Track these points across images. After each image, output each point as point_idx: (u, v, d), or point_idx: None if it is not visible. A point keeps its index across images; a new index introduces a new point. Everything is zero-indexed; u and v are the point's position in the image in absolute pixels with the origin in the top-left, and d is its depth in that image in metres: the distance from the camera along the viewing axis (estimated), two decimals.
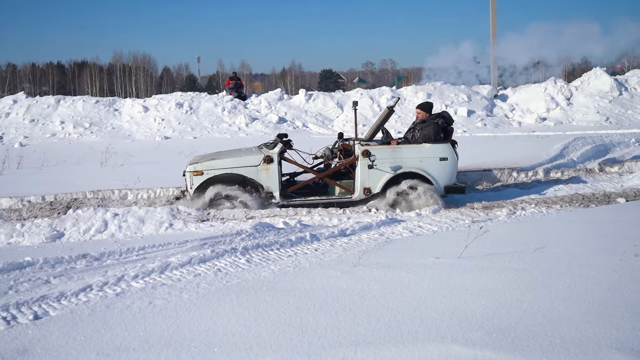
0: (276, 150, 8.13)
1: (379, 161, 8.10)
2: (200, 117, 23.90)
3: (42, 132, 22.37)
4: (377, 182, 8.15)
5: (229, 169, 8.05)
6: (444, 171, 8.24)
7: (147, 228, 6.98)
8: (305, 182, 8.58)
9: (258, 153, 8.17)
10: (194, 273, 4.90)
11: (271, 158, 8.02)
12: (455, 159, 8.34)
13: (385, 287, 4.28)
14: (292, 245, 5.88)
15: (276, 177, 8.05)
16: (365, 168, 8.12)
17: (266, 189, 8.04)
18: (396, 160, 8.16)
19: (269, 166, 8.00)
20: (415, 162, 8.19)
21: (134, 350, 3.29)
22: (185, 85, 65.14)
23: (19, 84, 58.61)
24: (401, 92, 26.47)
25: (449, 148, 8.30)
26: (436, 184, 8.20)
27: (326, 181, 8.52)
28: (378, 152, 8.16)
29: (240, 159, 8.13)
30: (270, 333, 3.47)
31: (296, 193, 8.46)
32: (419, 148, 8.24)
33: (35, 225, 6.93)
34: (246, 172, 8.02)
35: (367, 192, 8.16)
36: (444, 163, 8.22)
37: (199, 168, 8.07)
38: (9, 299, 4.27)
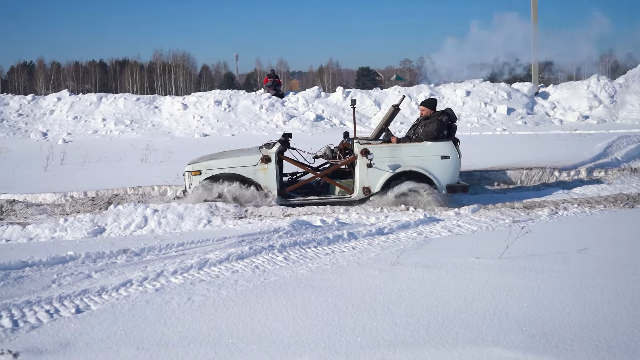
0: (274, 150, 8.13)
1: (378, 160, 8.00)
2: (238, 114, 24.07)
3: (85, 129, 22.82)
4: (377, 181, 8.06)
5: (227, 168, 8.08)
6: (445, 170, 8.09)
7: (186, 224, 7.05)
8: (304, 182, 8.56)
9: (256, 153, 8.17)
10: (232, 270, 4.91)
11: (269, 158, 8.02)
12: (457, 158, 8.18)
13: (424, 287, 4.23)
14: (330, 243, 5.85)
15: (274, 176, 8.04)
16: (364, 167, 8.03)
17: (264, 188, 8.04)
18: (396, 159, 8.05)
19: (266, 166, 8.01)
20: (415, 161, 8.06)
21: (173, 345, 3.32)
22: (223, 83, 65.70)
23: (63, 82, 59.97)
24: (439, 90, 26.20)
25: (451, 146, 8.15)
26: (437, 183, 8.07)
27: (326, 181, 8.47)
28: (377, 150, 8.07)
29: (238, 159, 8.16)
30: (308, 331, 3.45)
31: (296, 192, 8.44)
32: (420, 146, 8.11)
33: (77, 220, 7.07)
34: (244, 171, 8.03)
35: (367, 192, 8.09)
36: (446, 161, 8.07)
37: (197, 168, 8.14)
38: (52, 293, 4.35)
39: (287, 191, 8.29)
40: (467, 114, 23.94)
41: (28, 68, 66.55)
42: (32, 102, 25.17)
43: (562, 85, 26.96)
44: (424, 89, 25.77)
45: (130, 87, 60.63)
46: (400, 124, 21.64)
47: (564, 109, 24.48)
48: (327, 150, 8.61)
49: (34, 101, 25.27)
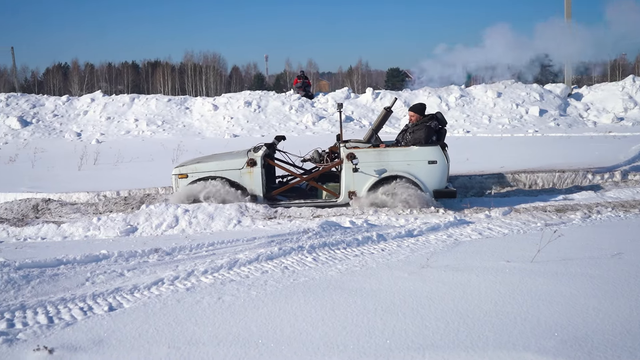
0: (259, 153, 8.14)
1: (364, 164, 7.96)
2: (268, 115, 24.18)
3: (117, 130, 23.17)
4: (362, 185, 8.02)
5: (212, 172, 8.11)
6: (432, 175, 8.02)
7: (216, 224, 7.11)
8: (290, 185, 8.54)
9: (243, 156, 8.18)
10: (262, 270, 4.95)
11: (254, 161, 8.04)
12: (445, 163, 8.11)
13: (454, 290, 4.20)
14: (359, 245, 5.85)
15: (259, 180, 8.05)
16: (349, 171, 8.01)
17: (250, 191, 8.05)
18: (382, 163, 8.00)
19: (252, 169, 8.03)
20: (402, 166, 8.00)
21: (204, 344, 3.35)
22: (253, 84, 66.10)
23: (96, 83, 60.96)
24: (470, 91, 25.97)
25: (439, 151, 8.06)
26: (424, 187, 8.00)
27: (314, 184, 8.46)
28: (363, 155, 8.02)
29: (224, 163, 8.18)
30: (337, 333, 3.46)
31: (285, 196, 8.44)
32: (406, 151, 8.05)
33: (110, 220, 7.18)
34: (230, 175, 8.06)
35: (352, 196, 8.06)
36: (433, 166, 7.99)
37: (184, 171, 8.20)
38: (86, 290, 4.43)
39: (274, 194, 8.30)
40: (498, 116, 23.69)
41: (63, 69, 67.80)
42: (66, 103, 25.63)
43: (596, 87, 26.51)
44: (454, 90, 25.58)
45: (161, 88, 61.36)
46: None
47: (598, 110, 24.07)
48: (314, 154, 8.64)
49: (68, 102, 25.73)
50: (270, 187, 8.51)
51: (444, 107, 24.39)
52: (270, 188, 8.40)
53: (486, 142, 18.23)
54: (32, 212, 8.78)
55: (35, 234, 7.05)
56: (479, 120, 23.48)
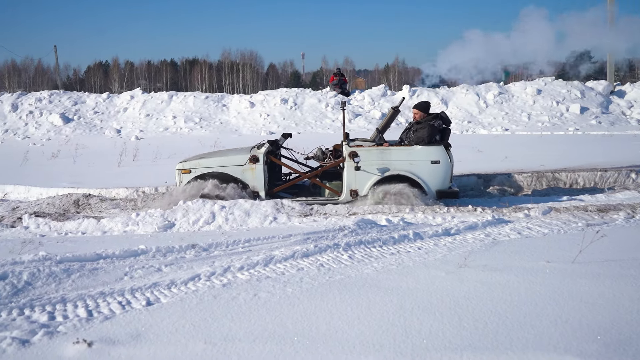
0: (262, 150, 8.16)
1: (366, 163, 7.92)
2: (304, 112, 24.23)
3: (156, 126, 23.49)
4: (364, 184, 7.99)
5: (215, 167, 8.16)
6: (435, 175, 7.95)
7: (252, 221, 7.14)
8: (291, 183, 8.52)
9: (246, 153, 8.21)
10: (297, 267, 4.94)
11: (257, 158, 8.06)
12: (448, 162, 8.01)
13: (492, 290, 4.13)
14: (395, 243, 5.80)
15: (261, 176, 8.07)
16: (351, 170, 7.98)
17: (252, 188, 8.08)
18: (385, 162, 7.96)
19: (254, 166, 8.05)
20: (404, 165, 7.94)
21: (240, 340, 3.36)
22: (290, 81, 66.32)
23: (136, 80, 61.98)
24: (509, 88, 25.58)
25: (442, 151, 7.98)
26: (427, 187, 7.93)
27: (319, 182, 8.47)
28: (366, 153, 7.97)
29: (227, 159, 8.23)
30: (373, 332, 3.43)
31: (288, 193, 8.44)
32: (409, 150, 7.99)
33: (148, 215, 7.28)
34: (232, 171, 8.10)
35: (354, 195, 8.03)
36: (436, 166, 7.92)
37: (187, 166, 8.29)
38: (124, 285, 4.49)
39: (276, 192, 8.31)
40: (537, 113, 23.29)
41: (103, 67, 69.13)
42: (107, 100, 26.11)
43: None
44: (492, 87, 25.24)
45: (199, 85, 62.09)
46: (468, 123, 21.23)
47: None
48: (318, 152, 8.66)
49: (108, 99, 26.21)
50: (274, 184, 8.55)
51: (481, 105, 24.09)
52: (273, 185, 8.44)
53: (525, 140, 17.94)
54: (73, 207, 8.96)
55: (75, 229, 7.19)
56: (517, 117, 23.11)
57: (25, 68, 66.41)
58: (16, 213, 8.70)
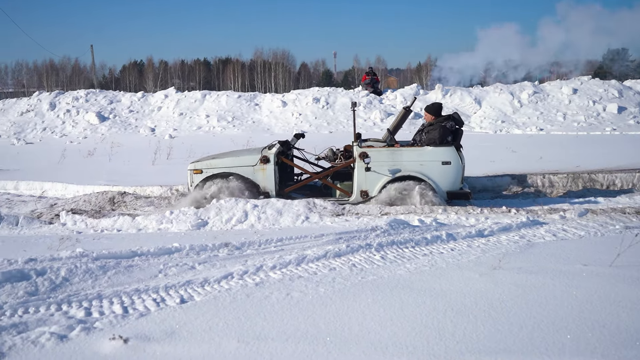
0: (273, 150, 8.19)
1: (377, 164, 7.90)
2: (336, 111, 24.22)
3: (189, 125, 23.73)
4: (374, 185, 7.98)
5: (226, 167, 8.20)
6: (446, 176, 7.89)
7: (284, 220, 7.17)
8: (302, 183, 8.54)
9: (257, 153, 8.23)
10: (330, 267, 4.94)
11: (267, 158, 8.09)
12: (459, 163, 7.94)
13: (527, 293, 4.07)
14: (428, 244, 5.76)
15: (272, 177, 8.09)
16: (362, 170, 7.97)
17: (262, 188, 8.12)
18: (395, 163, 7.92)
19: (265, 166, 8.08)
20: (415, 166, 7.90)
21: (272, 340, 3.37)
22: (321, 80, 66.35)
23: (170, 79, 62.73)
24: (544, 87, 25.19)
25: (453, 152, 7.90)
26: (437, 188, 7.86)
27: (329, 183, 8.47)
28: (376, 154, 7.94)
29: (238, 159, 8.27)
30: (406, 333, 3.41)
31: (299, 193, 8.44)
32: (420, 151, 7.94)
33: (182, 213, 7.35)
34: (243, 171, 8.14)
35: (364, 195, 8.01)
36: (447, 167, 7.85)
37: (199, 166, 8.34)
38: (158, 282, 4.55)
39: (286, 192, 8.33)
40: (573, 113, 22.89)
41: (138, 67, 70.11)
42: (141, 99, 26.48)
43: None
44: (527, 87, 24.89)
45: (232, 84, 62.56)
46: (502, 122, 20.93)
47: None
48: (329, 152, 8.67)
49: (143, 98, 26.57)
50: (285, 184, 8.59)
51: (516, 104, 23.78)
52: (284, 185, 8.47)
53: (561, 140, 17.65)
54: (109, 204, 9.11)
55: (111, 226, 7.30)
56: (553, 117, 22.75)
57: (63, 67, 67.75)
58: (54, 210, 8.88)
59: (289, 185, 8.52)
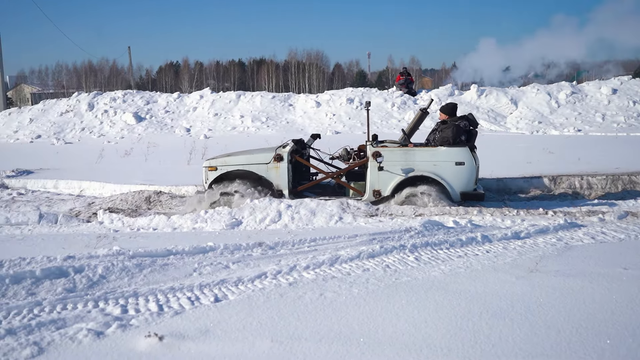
0: (287, 149, 8.22)
1: (390, 163, 7.87)
2: (370, 112, 24.15)
3: (224, 126, 23.91)
4: (387, 184, 7.95)
5: (241, 165, 8.26)
6: (460, 176, 7.82)
7: (317, 220, 7.17)
8: (315, 182, 8.57)
9: (271, 152, 8.28)
10: (363, 268, 4.92)
11: (281, 156, 8.12)
12: (473, 164, 7.83)
13: (565, 296, 3.99)
14: (463, 246, 5.70)
15: (285, 175, 8.11)
16: (375, 170, 7.95)
17: (276, 186, 8.15)
18: (408, 163, 7.88)
19: (278, 164, 8.12)
20: (428, 166, 7.85)
21: (306, 340, 3.37)
22: (355, 81, 66.24)
23: (205, 80, 63.34)
24: (582, 87, 24.71)
25: (467, 152, 7.81)
26: (451, 189, 7.80)
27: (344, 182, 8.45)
28: (389, 154, 7.91)
29: (252, 157, 8.32)
30: (440, 336, 3.37)
31: (312, 192, 8.44)
32: (433, 151, 7.88)
33: (216, 213, 7.41)
34: (257, 169, 8.19)
35: (377, 195, 7.98)
36: (460, 168, 7.77)
37: (214, 164, 8.41)
38: (193, 281, 4.59)
39: (299, 190, 8.34)
40: (612, 114, 22.41)
41: (174, 67, 70.99)
42: (177, 99, 26.78)
43: None
44: (564, 87, 24.46)
45: (266, 85, 62.89)
46: (539, 123, 20.59)
47: None
48: (343, 152, 8.67)
49: (179, 99, 26.87)
50: (299, 182, 8.61)
51: (553, 105, 23.38)
52: (298, 184, 8.50)
53: (599, 141, 17.29)
54: (145, 203, 9.23)
55: (147, 225, 7.40)
56: (591, 118, 22.31)
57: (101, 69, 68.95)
58: (91, 208, 9.05)
59: (301, 184, 8.55)
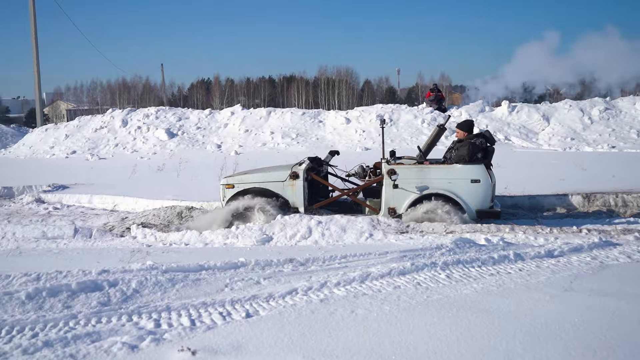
0: (302, 167, 8.24)
1: (405, 181, 7.82)
2: (400, 128, 24.11)
3: (254, 142, 24.10)
4: (402, 202, 7.89)
5: (257, 183, 8.29)
6: (475, 194, 7.72)
7: (348, 237, 7.17)
8: (331, 200, 8.57)
9: (287, 169, 8.29)
10: (394, 285, 4.90)
11: (297, 174, 8.13)
12: (489, 182, 7.72)
13: (601, 317, 3.92)
14: (495, 264, 5.64)
15: (301, 192, 8.12)
16: (390, 187, 7.90)
17: (292, 204, 8.15)
18: (423, 180, 7.81)
19: (294, 182, 8.14)
20: (443, 183, 7.77)
21: (337, 357, 3.37)
22: (385, 97, 66.21)
23: (236, 97, 63.91)
24: (616, 103, 24.34)
25: (482, 170, 7.71)
26: (466, 207, 7.69)
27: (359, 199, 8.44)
28: (404, 171, 7.86)
29: (268, 174, 8.36)
30: (473, 355, 3.34)
31: (328, 209, 8.40)
32: (448, 169, 7.81)
33: (247, 229, 7.47)
34: (273, 187, 8.22)
35: (392, 212, 7.90)
36: (476, 185, 7.67)
37: (231, 181, 8.48)
38: (225, 296, 4.62)
39: (315, 207, 8.32)
40: None
41: (206, 84, 71.84)
42: (208, 116, 27.09)
43: None
44: (598, 103, 24.13)
45: (296, 101, 63.23)
46: (571, 139, 20.30)
47: None
48: (359, 169, 8.67)
49: (210, 115, 27.18)
50: (316, 200, 8.61)
51: (586, 121, 23.07)
52: (315, 201, 8.50)
53: (634, 158, 16.99)
54: (177, 218, 9.34)
55: (179, 240, 7.49)
56: (626, 134, 21.94)
57: (134, 85, 70.08)
58: (125, 223, 9.19)
59: (318, 201, 8.57)
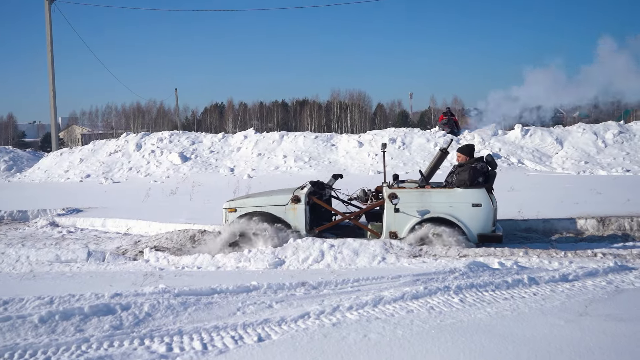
0: (304, 190, 8.26)
1: (406, 205, 7.81)
2: (412, 152, 24.11)
3: (267, 165, 24.19)
4: (403, 226, 7.86)
5: (259, 207, 8.32)
6: (476, 218, 7.69)
7: (360, 260, 7.15)
8: (333, 223, 8.54)
9: (289, 193, 8.30)
10: (407, 309, 4.87)
11: (298, 198, 8.15)
12: (490, 206, 7.69)
13: (617, 342, 3.87)
14: (509, 288, 5.60)
15: (302, 216, 8.13)
16: (391, 211, 7.89)
17: (294, 227, 8.14)
18: (424, 204, 7.80)
19: (296, 206, 8.16)
20: (444, 207, 7.76)
21: None
22: (397, 121, 66.33)
23: (249, 121, 64.30)
24: (630, 127, 24.23)
25: (484, 194, 7.69)
26: (467, 231, 7.64)
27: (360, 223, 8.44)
28: (406, 195, 7.85)
29: (270, 198, 8.39)
30: None
31: (331, 233, 8.39)
32: (450, 192, 7.81)
33: (260, 252, 7.47)
34: (275, 210, 8.23)
35: (393, 236, 7.87)
36: (477, 209, 7.65)
37: (233, 205, 8.55)
38: (237, 320, 4.61)
39: (317, 231, 8.29)
40: None
41: (219, 108, 72.38)
42: (222, 140, 27.27)
43: None
44: (611, 126, 24.04)
45: (308, 125, 63.50)
46: (585, 163, 20.17)
47: None
48: (361, 193, 8.69)
49: (223, 139, 27.36)
50: (320, 223, 8.59)
51: (600, 145, 22.96)
52: (318, 224, 8.49)
53: None
54: (190, 242, 9.35)
55: (192, 263, 7.50)
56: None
57: (148, 110, 70.71)
58: (138, 247, 9.21)
59: (320, 225, 8.56)
